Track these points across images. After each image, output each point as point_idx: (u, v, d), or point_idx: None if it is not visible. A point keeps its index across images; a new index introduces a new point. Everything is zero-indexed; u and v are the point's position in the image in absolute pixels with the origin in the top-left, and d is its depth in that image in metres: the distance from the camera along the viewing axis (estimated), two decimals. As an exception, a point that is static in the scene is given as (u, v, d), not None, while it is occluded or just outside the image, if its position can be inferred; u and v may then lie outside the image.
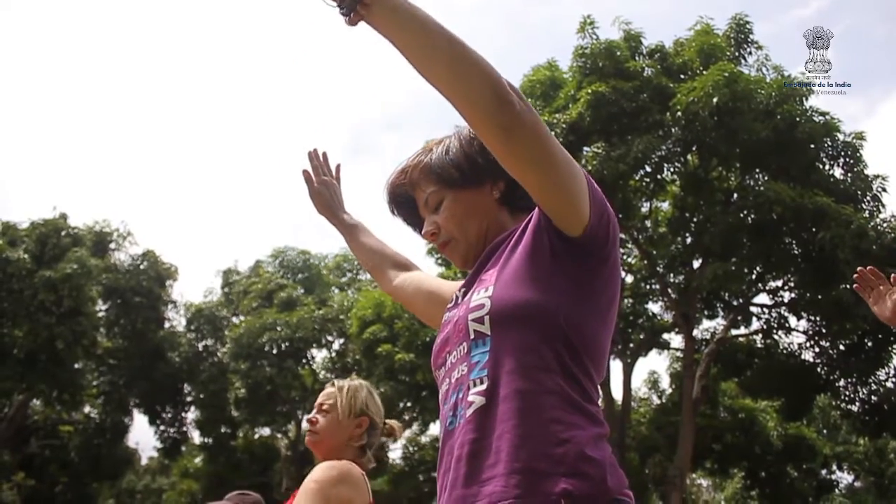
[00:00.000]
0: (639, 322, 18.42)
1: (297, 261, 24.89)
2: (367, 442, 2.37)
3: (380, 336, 17.48)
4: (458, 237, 1.43)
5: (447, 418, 1.28)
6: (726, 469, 20.66)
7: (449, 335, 1.34)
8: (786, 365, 16.94)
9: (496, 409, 1.19)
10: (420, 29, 1.13)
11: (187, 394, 23.67)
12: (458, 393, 1.26)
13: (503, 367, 1.20)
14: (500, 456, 1.15)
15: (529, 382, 1.19)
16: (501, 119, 1.13)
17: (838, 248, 13.07)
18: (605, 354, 1.30)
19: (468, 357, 1.26)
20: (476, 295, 1.28)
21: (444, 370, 1.34)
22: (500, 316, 1.23)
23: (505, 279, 1.26)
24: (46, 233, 20.49)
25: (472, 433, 1.20)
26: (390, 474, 20.75)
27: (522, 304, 1.22)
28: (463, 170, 1.41)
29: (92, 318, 20.36)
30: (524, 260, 1.26)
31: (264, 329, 20.55)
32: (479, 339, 1.25)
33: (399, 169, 1.50)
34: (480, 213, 1.42)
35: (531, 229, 1.28)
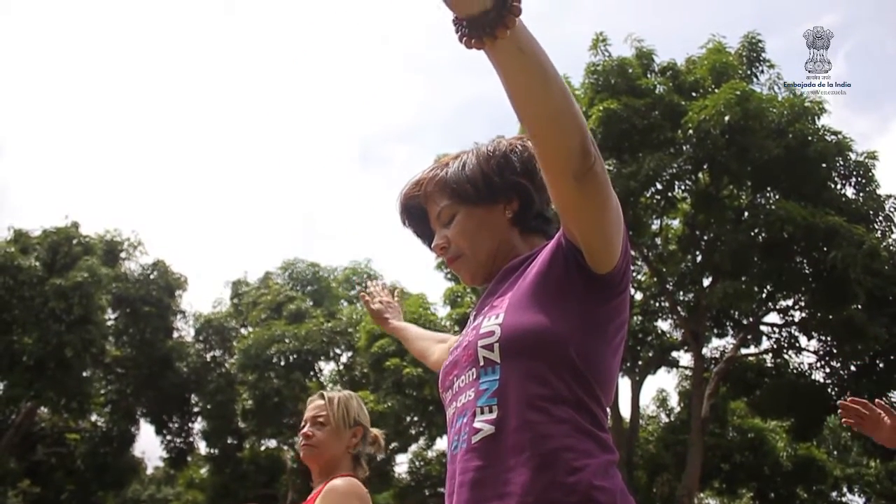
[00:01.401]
0: (648, 340, 18.35)
1: (306, 273, 24.91)
2: (361, 451, 2.36)
3: (388, 350, 17.47)
4: (467, 253, 1.43)
5: (451, 442, 1.29)
6: (735, 489, 20.50)
7: (458, 359, 1.34)
8: (796, 385, 16.82)
9: (505, 439, 1.19)
10: (540, 75, 1.07)
11: (194, 404, 23.67)
12: (464, 418, 1.26)
13: (512, 397, 1.21)
14: (512, 488, 1.15)
15: (539, 413, 1.19)
16: (579, 169, 1.12)
17: (850, 268, 13.01)
18: (614, 380, 1.31)
19: (476, 383, 1.26)
20: (487, 321, 1.28)
21: (450, 393, 1.34)
22: (509, 344, 1.23)
23: (516, 307, 1.26)
24: (58, 241, 20.61)
25: (477, 461, 1.21)
26: (396, 488, 20.68)
27: (532, 334, 1.22)
28: (478, 186, 1.40)
29: (101, 326, 20.43)
30: (537, 288, 1.26)
31: (272, 341, 20.56)
32: (488, 366, 1.25)
33: (414, 180, 1.50)
34: (492, 231, 1.41)
35: (548, 258, 1.27)
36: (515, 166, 1.42)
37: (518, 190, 1.41)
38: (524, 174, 1.42)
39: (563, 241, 1.24)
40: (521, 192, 1.41)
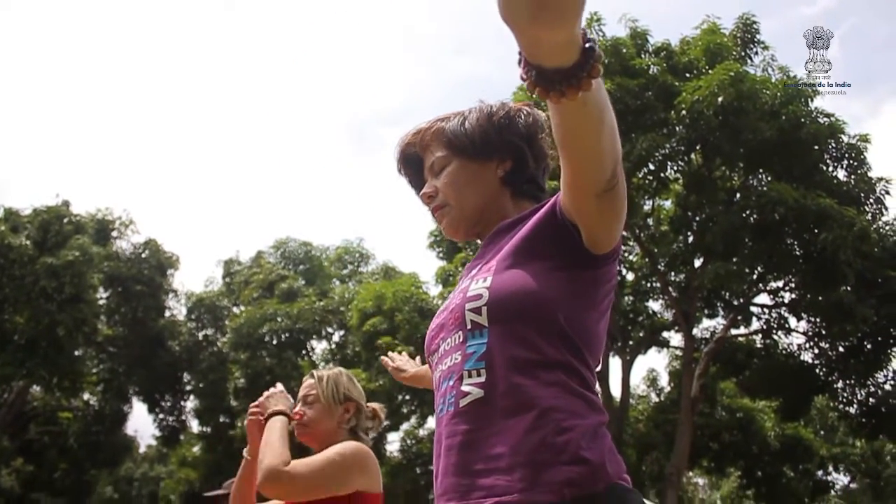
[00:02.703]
0: (639, 320, 18.44)
1: (298, 252, 24.91)
2: (356, 425, 2.39)
3: (380, 328, 17.51)
4: (453, 204, 1.43)
5: (438, 405, 1.29)
6: (723, 468, 20.72)
7: (444, 322, 1.34)
8: (785, 365, 16.96)
9: (494, 402, 1.19)
10: (595, 124, 1.05)
11: (187, 383, 23.71)
12: (450, 381, 1.26)
13: (500, 360, 1.21)
14: (501, 450, 1.16)
15: (527, 376, 1.19)
16: (603, 190, 1.13)
17: (840, 250, 13.08)
18: (601, 343, 1.31)
19: (463, 346, 1.26)
20: (474, 284, 1.28)
21: (436, 356, 1.34)
22: (497, 308, 1.23)
23: (505, 270, 1.26)
24: (49, 220, 20.52)
25: (465, 424, 1.21)
26: (388, 467, 20.79)
27: (520, 298, 1.23)
28: (474, 140, 1.41)
29: (93, 305, 20.39)
30: (527, 253, 1.27)
31: (265, 319, 20.59)
32: (475, 329, 1.25)
33: (414, 130, 1.50)
34: (481, 187, 1.42)
35: (540, 224, 1.27)
36: (516, 128, 1.42)
37: (513, 151, 1.42)
38: (523, 138, 1.42)
39: (559, 214, 1.23)
40: (516, 154, 1.42)
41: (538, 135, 1.44)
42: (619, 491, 1.15)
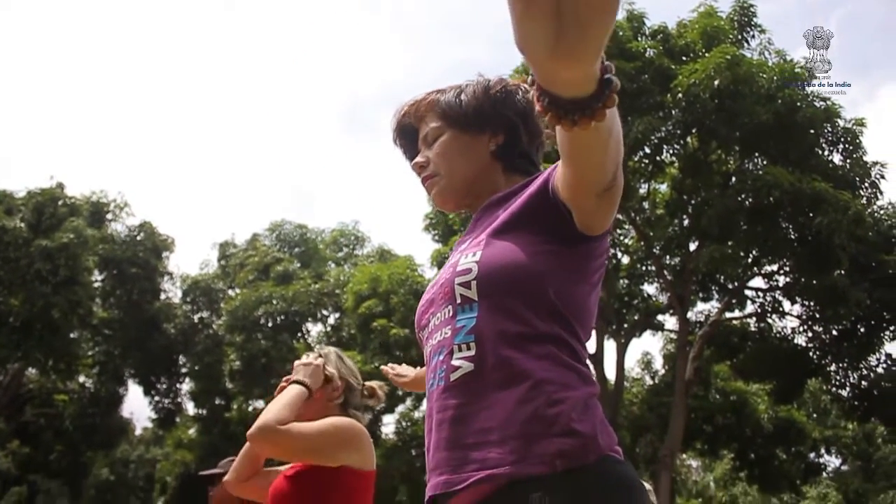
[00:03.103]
0: (634, 303, 18.49)
1: (293, 235, 24.90)
2: (347, 401, 2.40)
3: (375, 311, 17.54)
4: (442, 173, 1.44)
5: (429, 380, 1.30)
6: (716, 450, 20.84)
7: (434, 297, 1.34)
8: (778, 349, 17.04)
9: (485, 376, 1.20)
10: (602, 142, 1.03)
11: (182, 365, 23.74)
12: (440, 355, 1.27)
13: (490, 334, 1.21)
14: (492, 423, 1.17)
15: (518, 350, 1.20)
16: (602, 191, 1.13)
17: (835, 234, 13.12)
18: (592, 317, 1.31)
19: (453, 321, 1.26)
20: (464, 258, 1.28)
21: (427, 331, 1.34)
22: (487, 282, 1.23)
23: (494, 245, 1.26)
24: (43, 202, 20.45)
25: (457, 398, 1.21)
26: (383, 449, 20.89)
27: (510, 272, 1.23)
28: (468, 111, 1.42)
29: (88, 288, 20.37)
30: (517, 227, 1.27)
31: (260, 302, 20.60)
32: (465, 303, 1.25)
33: (410, 100, 1.51)
34: (472, 158, 1.43)
35: (531, 199, 1.27)
36: (512, 103, 1.43)
37: (507, 125, 1.42)
38: (518, 113, 1.43)
39: (551, 194, 1.23)
40: (509, 128, 1.42)
41: (534, 112, 1.43)
42: (611, 462, 1.16)
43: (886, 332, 15.84)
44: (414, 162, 1.49)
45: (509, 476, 1.13)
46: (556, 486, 1.11)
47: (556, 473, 1.11)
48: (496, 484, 1.15)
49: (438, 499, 1.24)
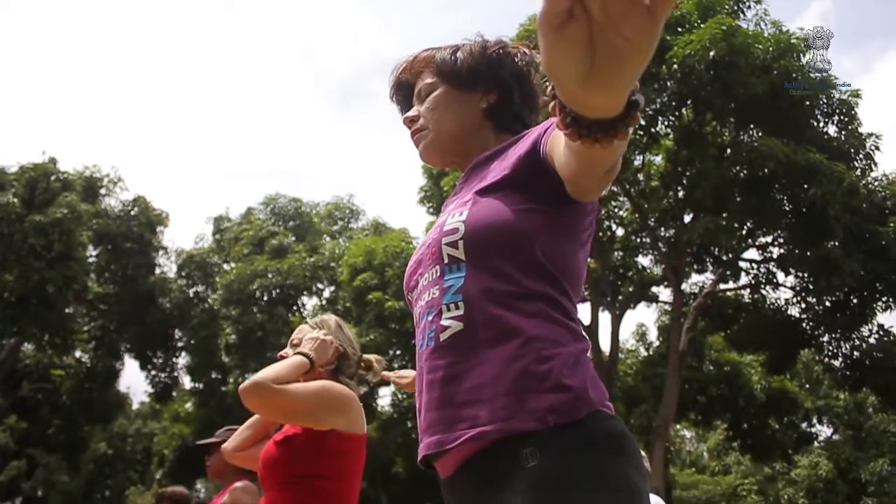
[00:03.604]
0: (628, 275, 18.55)
1: (288, 208, 24.84)
2: (337, 369, 2.41)
3: (370, 283, 17.56)
4: (431, 127, 1.44)
5: (418, 341, 1.30)
6: (710, 421, 21.02)
7: (422, 257, 1.34)
8: (772, 320, 17.15)
9: (474, 334, 1.20)
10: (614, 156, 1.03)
11: (178, 339, 23.77)
12: (429, 316, 1.27)
13: (479, 294, 1.21)
14: (483, 380, 1.17)
15: (506, 308, 1.20)
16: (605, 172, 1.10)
17: (829, 205, 13.16)
18: (582, 274, 1.31)
19: (441, 280, 1.26)
20: (451, 218, 1.28)
21: (416, 293, 1.35)
22: (473, 241, 1.23)
23: (481, 204, 1.26)
24: (36, 177, 20.33)
25: (446, 358, 1.22)
26: (379, 421, 21.03)
27: (496, 231, 1.23)
28: (461, 69, 1.42)
29: (82, 263, 20.32)
30: (504, 187, 1.26)
31: (255, 276, 20.60)
32: (453, 263, 1.25)
33: (408, 57, 1.52)
34: (461, 115, 1.43)
35: (521, 161, 1.26)
36: (507, 64, 1.43)
37: (500, 85, 1.42)
38: (513, 75, 1.43)
39: (542, 159, 1.21)
40: (502, 88, 1.42)
41: (530, 75, 1.44)
42: (602, 417, 1.16)
43: (879, 302, 15.95)
44: (405, 116, 1.49)
45: (500, 432, 1.13)
46: (547, 441, 1.11)
47: (547, 429, 1.12)
48: (487, 441, 1.15)
49: (431, 458, 1.25)
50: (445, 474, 1.26)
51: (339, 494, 2.20)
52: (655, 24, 0.67)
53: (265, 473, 2.28)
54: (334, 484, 2.20)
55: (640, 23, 0.67)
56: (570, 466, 1.10)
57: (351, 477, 2.25)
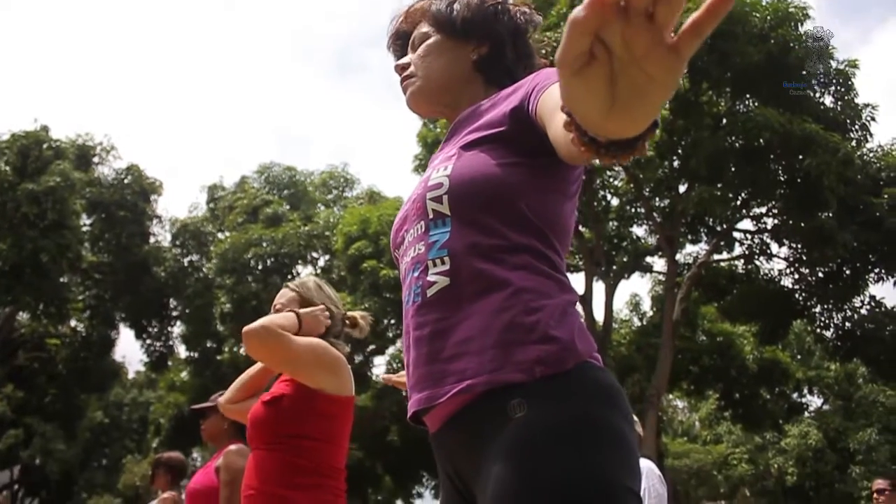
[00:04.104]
0: (623, 245, 18.57)
1: (282, 177, 24.75)
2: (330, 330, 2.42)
3: (365, 252, 17.56)
4: (419, 74, 1.43)
5: (405, 297, 1.29)
6: (702, 390, 21.19)
7: (408, 213, 1.33)
8: (765, 290, 17.23)
9: (461, 289, 1.19)
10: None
11: (173, 308, 23.81)
12: (415, 272, 1.26)
13: (464, 248, 1.21)
14: (470, 334, 1.16)
15: (493, 262, 1.19)
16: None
17: (824, 176, 13.16)
18: (570, 228, 1.31)
19: (426, 236, 1.26)
20: (436, 173, 1.27)
21: (402, 249, 1.34)
22: (458, 196, 1.22)
23: (466, 158, 1.25)
24: (28, 145, 20.19)
25: (434, 313, 1.21)
26: (374, 390, 21.15)
27: (481, 185, 1.22)
28: (455, 19, 1.41)
29: (76, 231, 20.27)
30: (490, 142, 1.25)
31: (249, 245, 20.57)
32: (438, 218, 1.24)
33: (407, 6, 1.52)
34: (451, 65, 1.42)
35: (507, 117, 1.24)
36: (504, 19, 1.42)
37: (493, 38, 1.41)
38: (509, 30, 1.42)
39: (531, 117, 1.19)
40: (495, 41, 1.41)
41: (527, 33, 1.43)
42: (589, 368, 1.16)
43: (871, 274, 16.04)
44: (396, 64, 1.48)
45: (487, 384, 1.13)
46: (535, 393, 1.11)
47: (534, 380, 1.11)
48: (474, 393, 1.15)
49: (420, 414, 1.25)
50: (434, 429, 1.26)
51: (325, 455, 2.22)
52: (680, 62, 0.65)
53: (253, 433, 2.30)
54: (321, 445, 2.21)
55: (664, 61, 0.65)
56: (557, 417, 1.10)
57: (338, 438, 2.26)
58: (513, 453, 1.09)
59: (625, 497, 1.07)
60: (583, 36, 0.64)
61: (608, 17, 0.63)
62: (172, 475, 5.10)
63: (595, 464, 1.07)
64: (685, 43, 0.64)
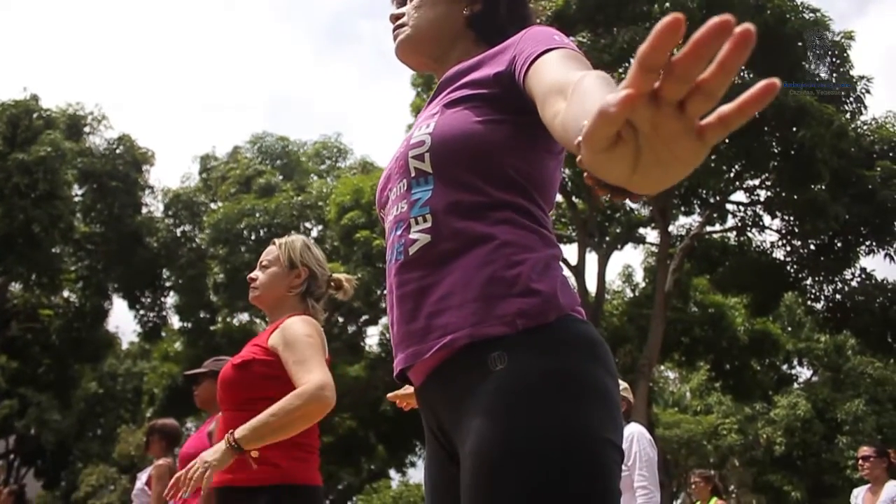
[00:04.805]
0: (616, 216, 18.59)
1: (275, 147, 24.60)
2: (307, 291, 2.42)
3: (358, 222, 17.54)
4: (409, 24, 1.43)
5: (388, 256, 1.29)
6: (693, 361, 21.34)
7: (391, 172, 1.33)
8: (757, 262, 17.30)
9: (443, 246, 1.19)
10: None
11: (166, 279, 23.78)
12: (398, 230, 1.26)
13: (447, 206, 1.20)
14: (452, 289, 1.16)
15: (475, 219, 1.19)
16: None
17: (817, 148, 13.16)
18: (555, 185, 1.30)
19: (408, 194, 1.25)
20: (418, 131, 1.27)
21: (387, 209, 1.34)
22: (440, 153, 1.22)
23: (449, 115, 1.25)
24: (17, 114, 20.01)
25: (416, 271, 1.21)
26: (367, 360, 21.24)
27: (463, 143, 1.21)
28: None
29: (68, 202, 20.18)
30: (475, 101, 1.24)
31: (242, 215, 20.51)
32: (420, 177, 1.24)
33: None
34: (443, 18, 1.42)
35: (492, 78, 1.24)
36: None
37: None
38: None
39: (520, 86, 1.18)
40: (489, 1, 1.41)
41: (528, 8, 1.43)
42: (572, 321, 1.16)
43: (863, 246, 16.11)
44: (391, 14, 1.48)
45: (469, 337, 1.13)
46: (516, 345, 1.11)
47: (515, 333, 1.11)
48: (456, 347, 1.15)
49: (406, 371, 1.26)
50: (417, 384, 1.26)
51: None
52: (705, 148, 0.65)
53: (223, 395, 2.30)
54: None
55: (691, 146, 0.65)
56: (537, 369, 1.09)
57: None
58: (492, 406, 1.09)
59: (605, 449, 1.07)
60: (611, 127, 0.64)
61: (638, 106, 0.62)
62: (167, 442, 5.13)
63: (575, 416, 1.07)
64: (712, 132, 0.64)
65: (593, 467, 1.05)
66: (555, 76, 1.07)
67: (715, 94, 0.62)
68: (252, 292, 2.44)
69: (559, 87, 1.03)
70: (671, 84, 0.61)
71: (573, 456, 1.05)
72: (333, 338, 19.70)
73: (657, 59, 0.60)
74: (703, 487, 6.85)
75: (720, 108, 0.63)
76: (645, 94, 0.62)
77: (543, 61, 1.13)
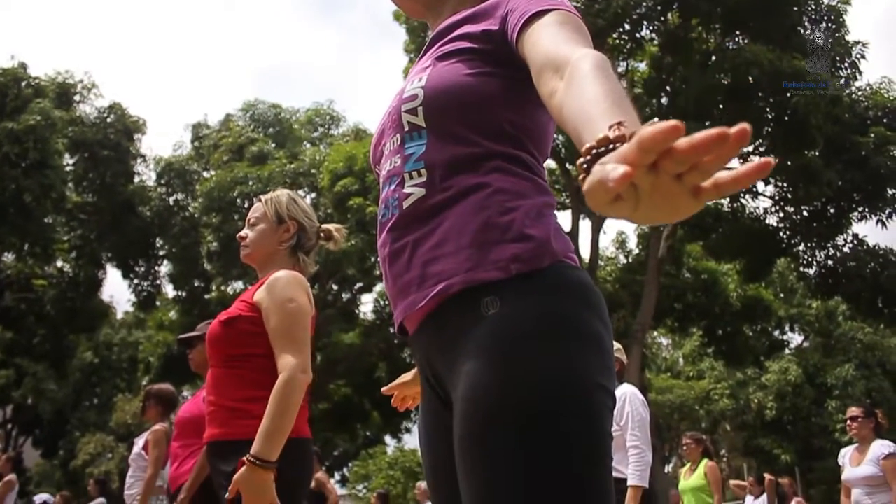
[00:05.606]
0: (610, 183, 18.56)
1: (268, 114, 24.42)
2: (298, 244, 2.43)
3: (351, 189, 17.50)
4: None
5: (381, 211, 1.28)
6: (686, 327, 21.49)
7: (384, 127, 1.33)
8: (750, 228, 17.35)
9: (436, 198, 1.19)
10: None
11: (159, 248, 23.73)
12: (391, 185, 1.25)
13: (441, 160, 1.20)
14: (446, 237, 1.16)
15: (469, 171, 1.19)
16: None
17: (811, 114, 13.14)
18: (548, 136, 1.30)
19: (402, 149, 1.25)
20: (410, 85, 1.26)
21: (381, 164, 1.33)
22: (433, 107, 1.21)
23: (441, 69, 1.24)
24: (6, 83, 19.79)
25: (411, 224, 1.21)
26: (361, 327, 21.32)
27: (456, 96, 1.21)
28: None
29: (59, 171, 20.03)
30: (467, 54, 1.24)
31: (235, 183, 20.42)
32: (413, 131, 1.24)
33: None
34: None
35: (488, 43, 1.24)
36: None
37: None
38: None
39: (512, 47, 1.18)
40: None
41: None
42: (565, 267, 1.16)
43: (855, 212, 16.15)
44: None
45: (463, 283, 1.13)
46: (509, 290, 1.11)
47: (509, 278, 1.11)
48: (450, 293, 1.15)
49: (405, 321, 1.26)
50: (411, 332, 1.26)
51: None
52: (700, 205, 0.70)
53: (210, 351, 2.31)
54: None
55: (686, 202, 0.69)
56: (530, 313, 1.09)
57: None
58: (483, 350, 1.09)
59: (597, 393, 1.07)
60: (610, 195, 0.69)
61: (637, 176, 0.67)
62: (163, 406, 5.16)
63: (568, 360, 1.07)
64: (707, 195, 0.68)
65: (586, 411, 1.05)
66: (550, 47, 1.08)
67: (711, 173, 0.67)
68: (243, 251, 2.43)
69: (555, 63, 1.04)
70: (670, 163, 0.66)
71: (566, 400, 1.05)
72: (328, 305, 19.75)
73: (657, 147, 0.65)
74: (694, 449, 6.94)
75: (717, 175, 0.67)
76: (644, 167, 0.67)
77: (538, 26, 1.13)
